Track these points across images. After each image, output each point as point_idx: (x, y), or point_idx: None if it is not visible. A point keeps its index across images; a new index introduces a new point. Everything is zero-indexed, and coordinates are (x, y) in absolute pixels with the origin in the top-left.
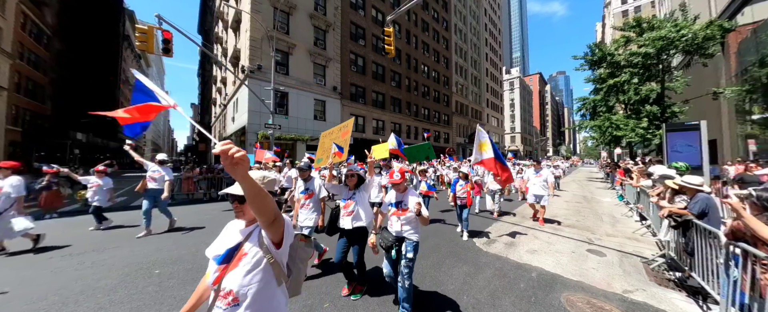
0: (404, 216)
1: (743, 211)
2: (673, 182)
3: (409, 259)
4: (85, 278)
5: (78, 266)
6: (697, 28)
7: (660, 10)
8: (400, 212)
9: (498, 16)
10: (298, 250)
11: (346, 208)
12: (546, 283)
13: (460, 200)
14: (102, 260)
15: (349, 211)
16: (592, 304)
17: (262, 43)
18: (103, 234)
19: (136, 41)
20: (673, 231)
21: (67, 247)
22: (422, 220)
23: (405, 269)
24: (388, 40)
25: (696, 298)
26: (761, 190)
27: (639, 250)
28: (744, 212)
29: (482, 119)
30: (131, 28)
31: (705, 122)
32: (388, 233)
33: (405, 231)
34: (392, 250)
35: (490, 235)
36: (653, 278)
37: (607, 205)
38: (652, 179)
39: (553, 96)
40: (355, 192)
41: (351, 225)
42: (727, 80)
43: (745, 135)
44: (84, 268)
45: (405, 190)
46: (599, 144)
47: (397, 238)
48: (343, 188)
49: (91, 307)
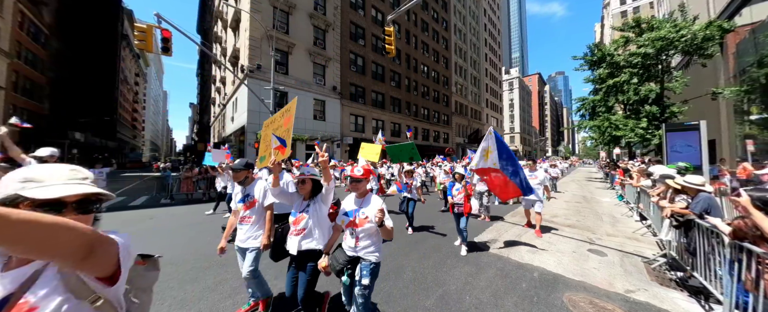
0: (361, 228)
1: (752, 208)
2: (674, 182)
3: (364, 286)
4: None
5: None
6: (697, 28)
7: (659, 11)
8: (356, 223)
9: (497, 17)
10: (136, 279)
11: (297, 225)
12: (548, 283)
13: (457, 208)
14: None
15: (299, 229)
16: (594, 304)
17: (262, 42)
18: None
19: (135, 40)
20: (675, 231)
21: None
22: (385, 232)
23: (359, 298)
24: (388, 40)
25: (698, 298)
26: (754, 190)
27: (640, 249)
28: (753, 210)
29: (481, 119)
30: (130, 28)
31: (705, 122)
32: (341, 252)
33: (361, 248)
34: (343, 274)
35: (491, 235)
36: (654, 278)
37: (606, 205)
38: (652, 179)
39: (552, 96)
40: (310, 203)
41: (299, 247)
42: (726, 81)
43: (744, 135)
44: None
45: (365, 194)
46: (598, 144)
47: (351, 258)
48: (295, 197)
49: None
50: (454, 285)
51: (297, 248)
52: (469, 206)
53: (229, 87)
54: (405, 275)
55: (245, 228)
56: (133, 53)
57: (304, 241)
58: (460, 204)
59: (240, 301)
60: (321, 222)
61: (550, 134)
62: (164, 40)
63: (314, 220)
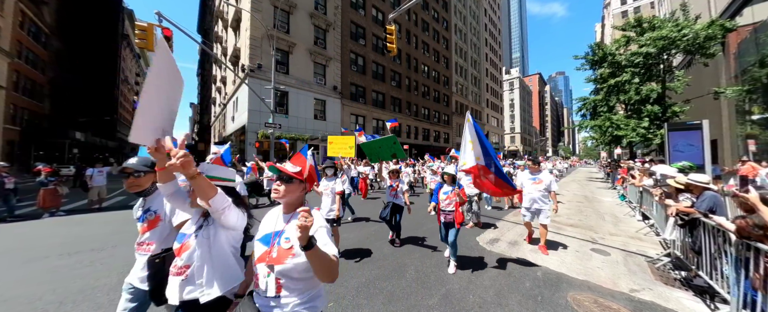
0: (283, 266)
1: (761, 204)
2: (676, 180)
3: None
4: (83, 277)
5: (76, 265)
6: (699, 27)
7: (659, 11)
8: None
9: (498, 17)
10: None
11: (179, 256)
12: (551, 282)
13: (444, 215)
14: (100, 259)
15: (179, 266)
16: (599, 304)
17: (262, 42)
18: (102, 233)
19: (136, 39)
20: (679, 230)
21: (65, 246)
22: (321, 266)
23: None
24: (390, 39)
25: (703, 298)
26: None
27: (643, 249)
28: (761, 206)
29: (482, 119)
30: (130, 27)
31: (707, 122)
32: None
33: (285, 296)
34: None
35: (493, 235)
36: (659, 277)
37: (608, 204)
38: (655, 178)
39: (552, 96)
40: (204, 223)
41: (179, 296)
42: (728, 80)
43: (746, 135)
44: (82, 267)
45: (296, 208)
46: (599, 144)
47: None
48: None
49: (90, 306)
50: (458, 284)
51: (178, 297)
52: (461, 215)
53: (230, 86)
54: (407, 274)
55: (143, 260)
56: (134, 53)
57: (187, 288)
58: (449, 211)
59: None
60: (215, 255)
61: (551, 134)
62: (165, 38)
63: (203, 252)
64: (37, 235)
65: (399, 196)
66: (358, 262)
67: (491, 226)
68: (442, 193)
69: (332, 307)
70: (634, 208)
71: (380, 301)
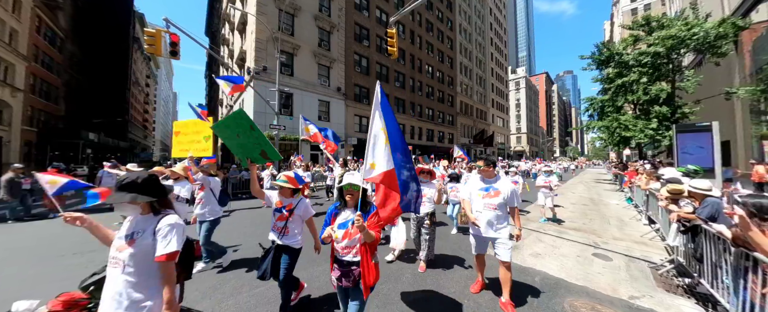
0: None
1: (750, 224)
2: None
3: None
4: None
5: (89, 264)
6: (710, 26)
7: (670, 8)
8: None
9: (503, 16)
10: None
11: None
12: (549, 288)
13: (339, 270)
14: None
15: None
16: (596, 310)
17: (268, 44)
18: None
19: (145, 44)
20: (682, 236)
21: (79, 245)
22: None
23: None
24: (391, 42)
25: (705, 306)
26: (749, 197)
27: (647, 254)
28: (751, 226)
29: (487, 119)
30: (141, 31)
31: (717, 123)
32: None
33: None
34: None
35: None
36: (661, 284)
37: (614, 207)
38: (662, 181)
39: (560, 96)
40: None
41: None
42: (741, 80)
43: (760, 136)
44: (95, 266)
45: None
46: (607, 145)
47: None
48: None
49: None
50: (454, 288)
51: None
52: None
53: None
54: (403, 278)
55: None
56: (144, 56)
57: None
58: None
59: (241, 301)
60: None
61: (559, 134)
62: (172, 44)
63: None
64: (52, 234)
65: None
66: None
67: None
68: (338, 225)
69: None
70: (641, 211)
71: (376, 305)
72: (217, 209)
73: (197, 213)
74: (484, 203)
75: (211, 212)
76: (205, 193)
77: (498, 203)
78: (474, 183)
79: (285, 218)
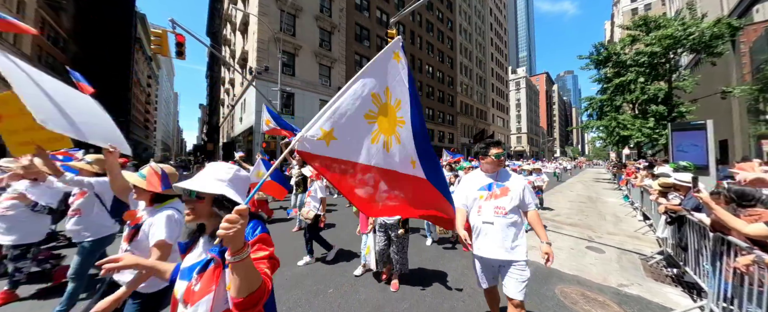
0: None
1: (712, 203)
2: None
3: None
4: None
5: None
6: (705, 26)
7: (671, 8)
8: None
9: (504, 16)
10: None
11: None
12: (542, 277)
13: None
14: None
15: None
16: (585, 296)
17: (269, 44)
18: None
19: (152, 45)
20: (669, 227)
21: None
22: None
23: None
24: None
25: (691, 293)
26: (733, 184)
27: (639, 247)
28: (714, 204)
29: (487, 119)
30: (142, 32)
31: (711, 121)
32: None
33: None
34: None
35: None
36: (650, 274)
37: (611, 204)
38: (654, 176)
39: (560, 96)
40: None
41: None
42: (738, 79)
43: (758, 135)
44: None
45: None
46: (607, 144)
47: None
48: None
49: None
50: (452, 275)
51: None
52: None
53: (238, 88)
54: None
55: None
56: (146, 56)
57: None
58: None
59: None
60: None
61: (559, 134)
62: (178, 44)
63: None
64: None
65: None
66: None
67: None
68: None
69: (332, 293)
70: (636, 208)
71: (378, 290)
72: (106, 224)
73: (70, 230)
74: (494, 208)
75: (94, 229)
76: (86, 200)
77: (510, 206)
78: (470, 182)
79: (129, 238)
